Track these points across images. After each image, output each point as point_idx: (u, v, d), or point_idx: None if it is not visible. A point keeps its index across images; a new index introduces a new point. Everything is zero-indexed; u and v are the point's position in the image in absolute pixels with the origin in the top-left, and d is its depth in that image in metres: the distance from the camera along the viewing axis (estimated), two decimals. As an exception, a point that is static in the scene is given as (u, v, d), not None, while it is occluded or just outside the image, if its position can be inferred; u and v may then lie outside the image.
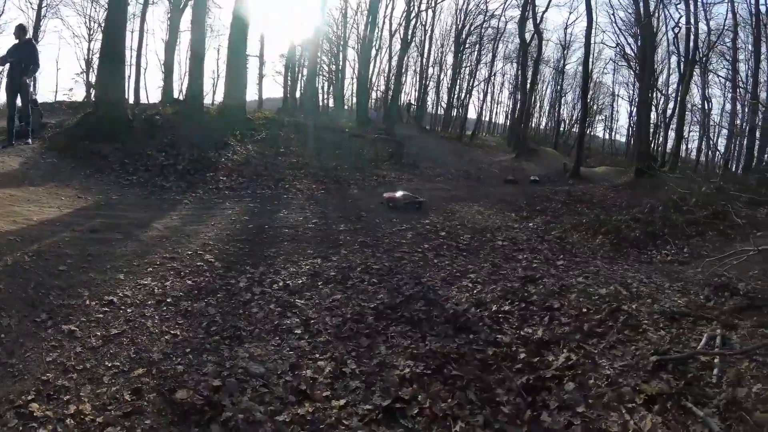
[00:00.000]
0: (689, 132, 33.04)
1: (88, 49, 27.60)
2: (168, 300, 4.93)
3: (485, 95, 48.80)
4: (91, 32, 27.59)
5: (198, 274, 5.68)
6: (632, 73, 34.27)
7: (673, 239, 9.45)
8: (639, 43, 24.69)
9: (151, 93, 45.58)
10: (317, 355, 4.22)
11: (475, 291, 5.99)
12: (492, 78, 47.04)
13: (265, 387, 3.70)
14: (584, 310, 5.50)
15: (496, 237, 9.03)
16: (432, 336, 4.74)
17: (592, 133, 51.01)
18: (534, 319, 5.30)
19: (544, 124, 53.92)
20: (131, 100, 26.46)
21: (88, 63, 26.54)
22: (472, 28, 41.73)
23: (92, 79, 27.10)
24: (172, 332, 4.36)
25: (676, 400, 3.78)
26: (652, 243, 9.46)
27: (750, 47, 24.61)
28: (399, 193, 11.52)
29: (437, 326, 4.95)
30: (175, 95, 25.86)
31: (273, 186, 11.65)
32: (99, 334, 4.17)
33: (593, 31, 24.08)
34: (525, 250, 8.34)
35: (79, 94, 25.36)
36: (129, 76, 27.72)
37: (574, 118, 45.91)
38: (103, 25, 20.42)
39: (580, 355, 4.49)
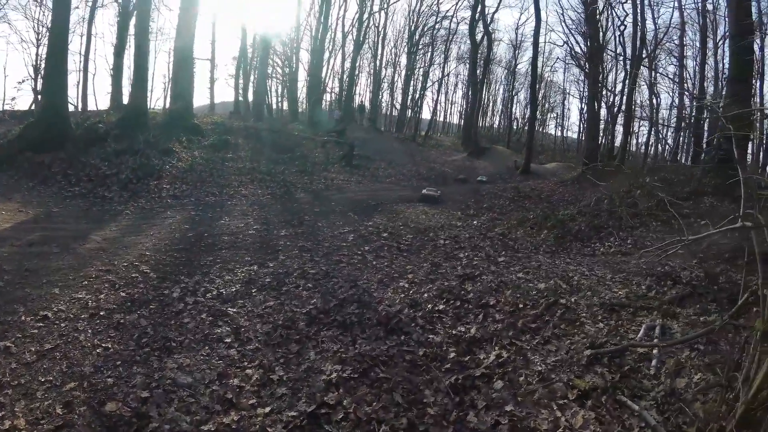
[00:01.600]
0: (639, 127, 34.20)
1: (36, 54, 26.63)
2: (101, 313, 4.98)
3: (438, 95, 49.34)
4: (40, 37, 26.66)
5: (132, 285, 5.72)
6: (582, 71, 35.24)
7: (617, 231, 9.61)
8: (587, 42, 25.40)
9: (101, 99, 44.21)
10: (246, 364, 4.33)
11: (411, 291, 6.11)
12: (446, 78, 47.72)
13: (192, 397, 3.80)
14: (521, 305, 5.60)
15: (439, 236, 9.21)
16: (362, 339, 4.86)
17: (544, 131, 52.22)
18: (468, 318, 5.41)
19: (497, 122, 54.87)
20: (79, 107, 25.77)
21: (36, 69, 25.61)
22: (424, 29, 42.22)
23: (40, 85, 26.18)
24: (103, 345, 4.42)
25: (610, 394, 3.86)
26: (595, 236, 9.55)
27: (697, 44, 25.61)
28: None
29: (369, 329, 5.08)
30: (125, 101, 25.31)
31: (217, 193, 11.64)
32: (33, 349, 4.22)
33: (542, 30, 24.72)
34: (467, 248, 8.48)
35: (25, 102, 24.49)
36: (78, 83, 27.11)
37: (526, 116, 46.70)
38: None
39: (512, 352, 4.60)
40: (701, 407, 3.54)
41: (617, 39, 27.93)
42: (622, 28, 25.86)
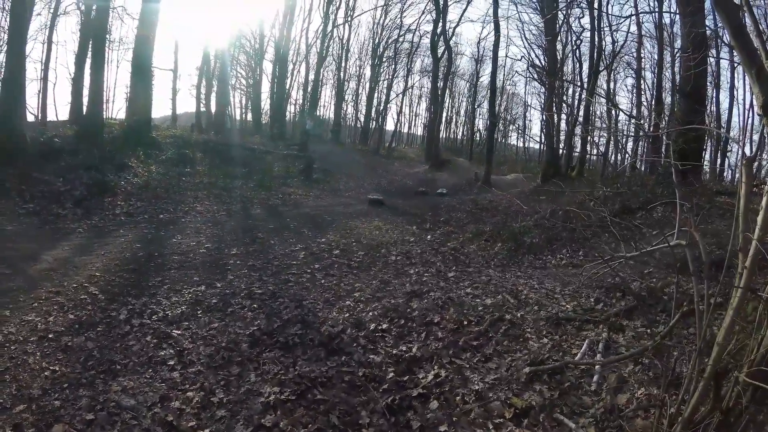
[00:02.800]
0: (599, 137, 35.15)
1: None
2: (50, 336, 5.14)
3: (402, 107, 50.07)
4: (1, 43, 26.03)
5: (81, 307, 5.89)
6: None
7: (570, 243, 9.79)
8: (546, 56, 26.27)
9: (61, 109, 43.26)
10: (187, 386, 4.51)
11: (356, 311, 6.33)
12: (410, 90, 48.47)
13: (135, 419, 3.98)
14: (465, 322, 5.78)
15: (391, 252, 9.42)
16: (303, 360, 5.03)
17: (507, 142, 53.42)
18: (411, 336, 5.61)
19: (461, 134, 55.84)
20: (39, 117, 25.23)
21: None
22: (388, 42, 42.93)
23: None
24: (51, 368, 4.59)
25: (548, 412, 4.00)
26: (548, 248, 9.76)
27: (655, 56, 26.55)
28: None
29: (310, 350, 5.25)
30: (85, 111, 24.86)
31: (172, 209, 11.75)
32: None
33: (503, 44, 25.49)
34: (417, 263, 8.70)
35: None
36: (38, 92, 26.50)
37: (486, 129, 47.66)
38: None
39: (450, 371, 4.77)
40: (641, 424, 3.66)
41: (574, 53, 28.89)
42: (578, 42, 26.86)
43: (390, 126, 49.93)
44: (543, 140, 26.17)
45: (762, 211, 3.07)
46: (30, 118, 18.39)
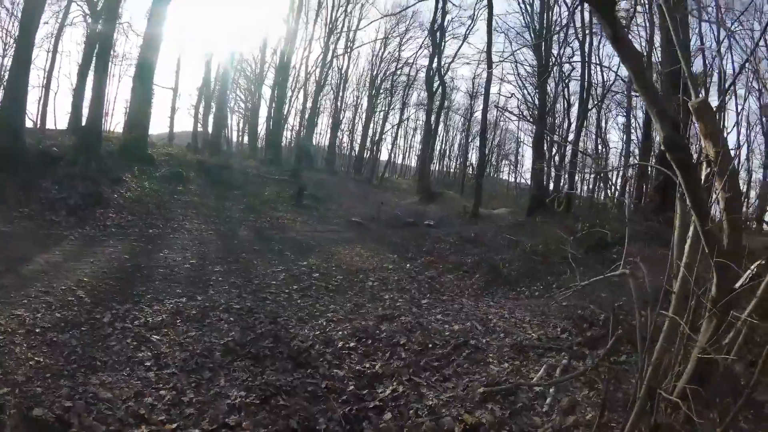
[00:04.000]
0: (590, 175, 35.90)
1: (1, 66, 26.31)
2: (37, 330, 5.48)
3: (397, 139, 50.86)
4: (6, 47, 26.34)
5: (68, 308, 6.25)
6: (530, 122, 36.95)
7: (546, 275, 10.15)
8: (537, 95, 27.03)
9: (60, 118, 43.66)
10: (161, 385, 4.84)
11: (327, 329, 6.69)
12: (405, 122, 49.28)
13: (110, 410, 4.30)
14: (429, 345, 6.13)
15: (368, 278, 9.82)
16: (271, 370, 5.38)
17: (498, 177, 54.08)
18: (377, 355, 5.96)
19: (454, 168, 56.54)
20: (38, 125, 25.41)
21: (-1, 80, 25.35)
22: (386, 74, 43.87)
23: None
24: (36, 359, 4.93)
25: (497, 429, 4.28)
26: (525, 280, 10.13)
27: None
28: None
29: (279, 362, 5.61)
30: (84, 122, 25.18)
31: (162, 225, 12.13)
32: None
33: (496, 81, 26.08)
34: (393, 290, 9.09)
35: None
36: (39, 99, 26.68)
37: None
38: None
39: (408, 387, 5.10)
40: None
41: (563, 92, 29.71)
42: (567, 82, 27.75)
43: (384, 156, 50.78)
44: (531, 176, 26.75)
45: (689, 239, 3.46)
46: (29, 124, 18.72)
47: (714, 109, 3.60)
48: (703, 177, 3.42)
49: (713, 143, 3.22)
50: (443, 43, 32.70)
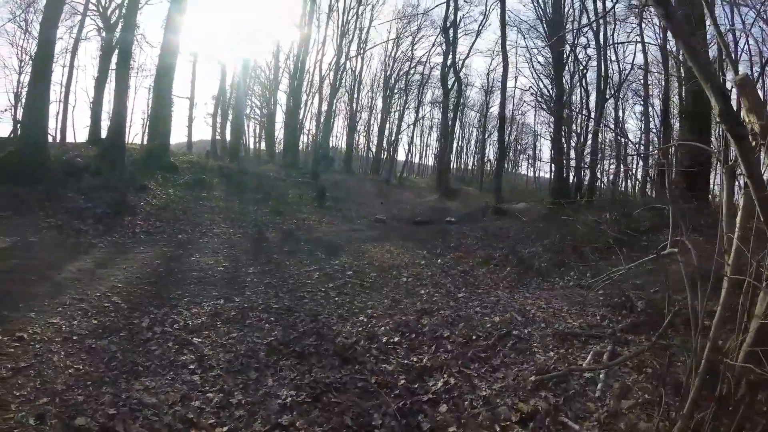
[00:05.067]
0: (609, 165, 35.40)
1: (18, 82, 26.81)
2: (74, 337, 5.29)
3: (413, 138, 50.58)
4: (22, 64, 26.86)
5: (104, 314, 6.06)
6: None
7: (578, 265, 9.97)
8: (554, 86, 26.54)
9: (80, 131, 44.29)
10: (207, 388, 4.65)
11: (369, 325, 6.53)
12: (421, 121, 49.00)
13: (156, 416, 4.11)
14: (473, 337, 6.00)
15: (402, 274, 9.62)
16: (318, 368, 5.20)
17: (516, 171, 53.64)
18: (422, 349, 5.81)
19: (471, 164, 56.26)
20: (57, 139, 25.74)
21: (17, 96, 25.82)
22: (399, 74, 43.66)
23: (20, 114, 26.10)
24: (75, 366, 4.73)
25: (553, 416, 4.17)
26: (556, 271, 9.96)
27: (662, 83, 26.65)
28: None
29: (325, 359, 5.43)
30: (103, 135, 25.44)
31: (190, 231, 11.99)
32: (9, 366, 4.49)
33: (511, 75, 25.76)
34: (428, 285, 8.91)
35: (5, 130, 24.42)
36: (57, 113, 27.11)
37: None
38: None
39: (459, 379, 4.98)
40: (644, 426, 3.84)
41: (580, 82, 29.20)
42: (584, 71, 27.18)
43: (401, 156, 50.44)
44: (552, 168, 26.33)
45: (740, 212, 3.36)
46: (49, 139, 18.82)
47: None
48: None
49: (758, 116, 3.18)
50: (456, 40, 32.39)
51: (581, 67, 27.03)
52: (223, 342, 5.69)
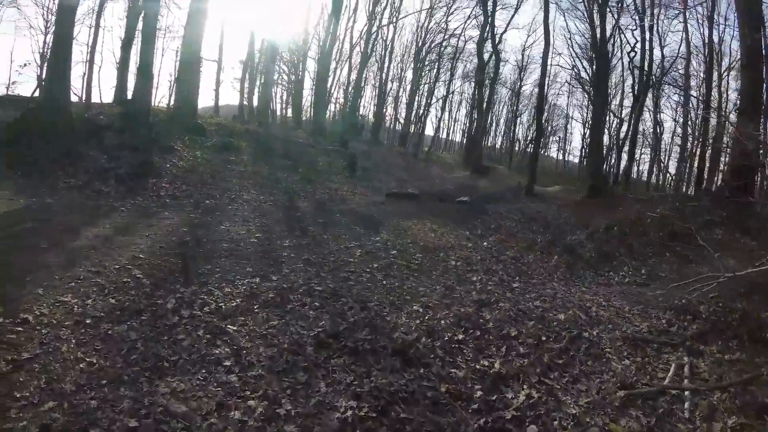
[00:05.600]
0: (641, 155, 34.29)
1: (44, 42, 26.40)
2: (87, 321, 4.52)
3: (443, 113, 49.19)
4: (48, 24, 26.36)
5: (123, 291, 5.25)
6: (586, 96, 35.26)
7: (630, 260, 9.79)
8: (594, 67, 25.25)
9: (105, 92, 44.07)
10: (248, 393, 3.89)
11: (426, 317, 5.84)
12: (450, 96, 47.52)
13: (187, 430, 3.36)
14: (543, 338, 5.58)
15: (450, 257, 8.98)
16: (378, 370, 4.51)
17: (546, 154, 52.35)
18: (490, 350, 5.26)
19: (499, 143, 54.98)
20: (83, 99, 25.29)
21: (43, 56, 25.51)
22: (431, 46, 42.12)
23: (44, 73, 25.82)
24: (88, 359, 3.97)
25: None
26: (608, 264, 9.79)
27: (702, 74, 25.51)
28: None
29: (384, 359, 4.73)
30: (129, 96, 24.89)
31: (218, 196, 11.15)
32: (9, 358, 3.77)
33: (550, 53, 24.37)
34: (479, 271, 8.40)
35: (28, 89, 24.13)
36: (83, 74, 26.65)
37: (528, 138, 46.68)
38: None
39: (542, 392, 4.50)
40: None
41: (625, 66, 27.90)
42: (632, 54, 25.83)
43: (428, 130, 49.08)
44: (586, 153, 25.44)
45: None
46: (74, 99, 18.26)
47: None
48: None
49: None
50: (495, 12, 30.85)
51: (630, 50, 25.73)
52: (263, 332, 4.89)
